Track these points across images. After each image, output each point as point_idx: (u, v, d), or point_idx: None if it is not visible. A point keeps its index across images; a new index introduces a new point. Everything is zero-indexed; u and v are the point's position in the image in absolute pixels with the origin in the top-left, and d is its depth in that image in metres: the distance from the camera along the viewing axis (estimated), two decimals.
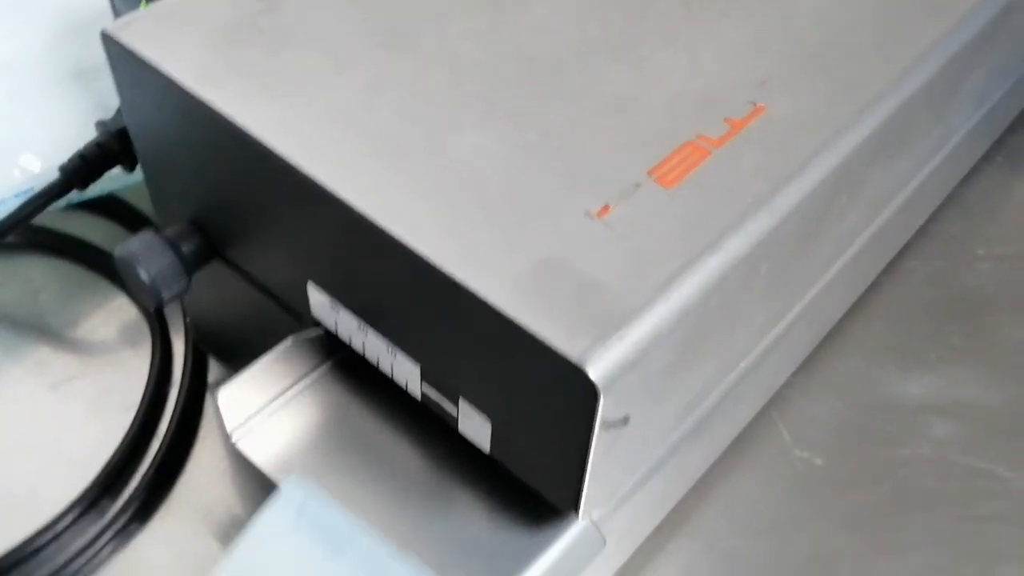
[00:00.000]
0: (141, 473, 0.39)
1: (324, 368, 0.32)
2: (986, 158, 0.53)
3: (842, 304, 0.42)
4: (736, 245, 0.25)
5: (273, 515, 0.27)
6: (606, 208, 0.25)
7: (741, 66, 0.30)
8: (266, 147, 0.27)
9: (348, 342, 0.30)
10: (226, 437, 0.30)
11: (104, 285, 0.46)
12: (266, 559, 0.26)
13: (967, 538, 0.38)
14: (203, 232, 0.33)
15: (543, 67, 0.29)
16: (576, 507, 0.26)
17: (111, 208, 0.48)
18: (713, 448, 0.37)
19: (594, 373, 0.22)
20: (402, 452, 0.30)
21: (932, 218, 0.50)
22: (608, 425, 0.23)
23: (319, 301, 0.30)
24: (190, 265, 0.33)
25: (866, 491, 0.40)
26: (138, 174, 0.38)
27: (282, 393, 0.31)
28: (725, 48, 0.30)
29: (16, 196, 0.43)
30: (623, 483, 0.28)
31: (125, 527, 0.38)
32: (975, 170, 0.52)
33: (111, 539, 0.38)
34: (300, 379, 0.31)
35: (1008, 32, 0.36)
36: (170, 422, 0.41)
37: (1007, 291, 0.47)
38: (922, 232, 0.49)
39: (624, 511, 0.30)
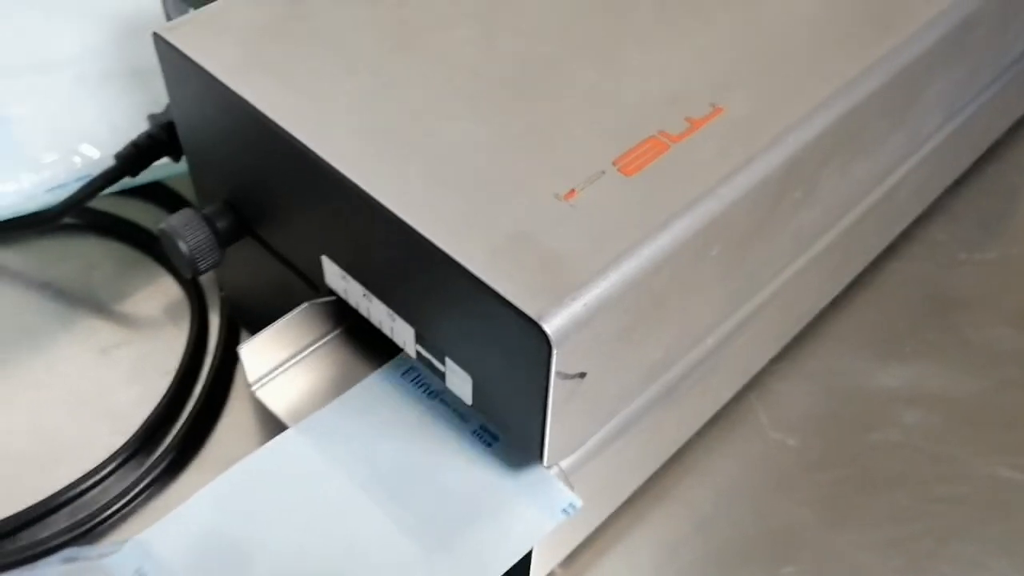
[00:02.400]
0: (176, 430, 0.44)
1: (337, 332, 0.36)
2: (976, 169, 0.56)
3: (819, 297, 0.46)
4: (685, 226, 0.29)
5: (382, 371, 0.34)
6: (572, 192, 0.29)
7: (706, 70, 0.33)
8: (284, 132, 0.31)
9: (356, 307, 0.34)
10: (248, 387, 0.34)
11: (151, 264, 0.51)
12: (373, 399, 0.33)
13: (925, 517, 0.41)
14: (236, 211, 0.38)
15: (530, 68, 0.33)
16: (541, 454, 0.30)
17: (159, 194, 0.53)
18: (689, 420, 0.40)
19: (549, 328, 0.26)
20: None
21: (919, 224, 0.53)
22: (564, 376, 0.27)
23: (332, 272, 0.34)
24: (224, 240, 0.38)
25: (834, 471, 0.43)
26: (183, 164, 0.43)
27: (299, 352, 0.35)
28: (693, 53, 0.34)
29: (76, 181, 0.48)
30: (587, 435, 0.32)
31: (160, 477, 0.42)
32: (964, 180, 0.55)
33: (148, 486, 0.42)
34: (316, 340, 0.36)
35: (970, 46, 0.39)
36: (203, 387, 0.45)
37: (983, 293, 0.50)
38: (907, 236, 0.52)
39: (595, 468, 0.34)
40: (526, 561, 0.34)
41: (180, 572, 0.28)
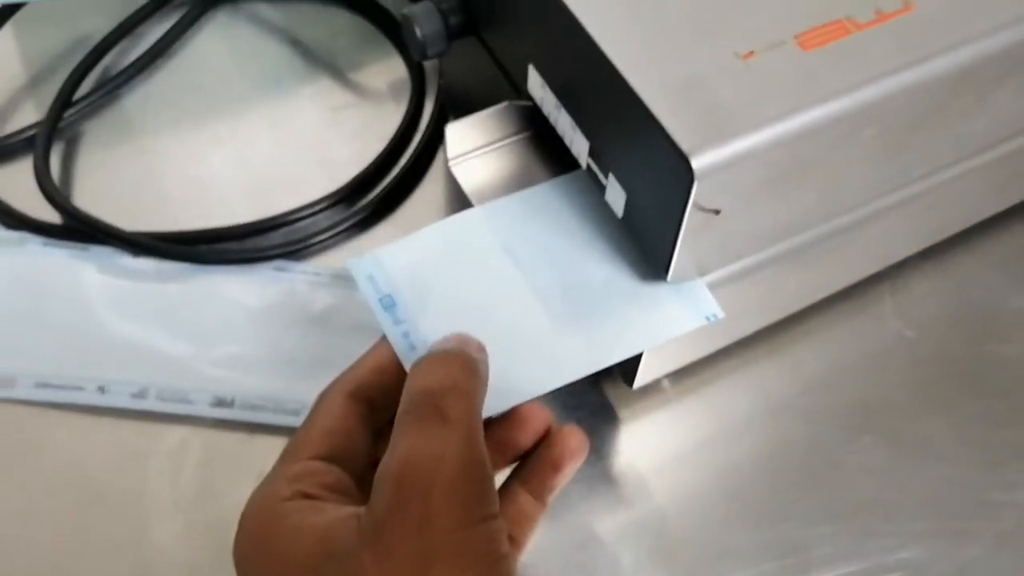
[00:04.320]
0: (379, 189, 0.52)
1: (527, 135, 0.42)
2: None
3: (977, 209, 0.48)
4: (841, 106, 0.32)
5: (564, 179, 0.39)
6: (752, 53, 0.33)
7: None
8: None
9: (548, 116, 0.40)
10: (446, 162, 0.41)
11: (386, 44, 0.58)
12: (551, 200, 0.39)
13: (1013, 428, 0.45)
14: (467, 11, 0.44)
15: None
16: (667, 269, 0.35)
17: None
18: (814, 286, 0.45)
19: (695, 163, 0.31)
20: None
21: None
22: (700, 208, 0.32)
23: (535, 80, 0.40)
24: (452, 34, 0.44)
25: (940, 368, 0.46)
26: None
27: (494, 142, 0.41)
28: None
29: None
30: (713, 266, 0.37)
31: (359, 223, 0.51)
32: None
33: (347, 229, 0.50)
34: (509, 136, 0.42)
35: None
36: (409, 158, 0.52)
37: None
38: None
39: (717, 299, 0.39)
40: (636, 360, 0.40)
41: (399, 282, 0.36)
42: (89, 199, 0.51)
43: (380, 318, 0.35)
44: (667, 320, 0.36)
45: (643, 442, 0.45)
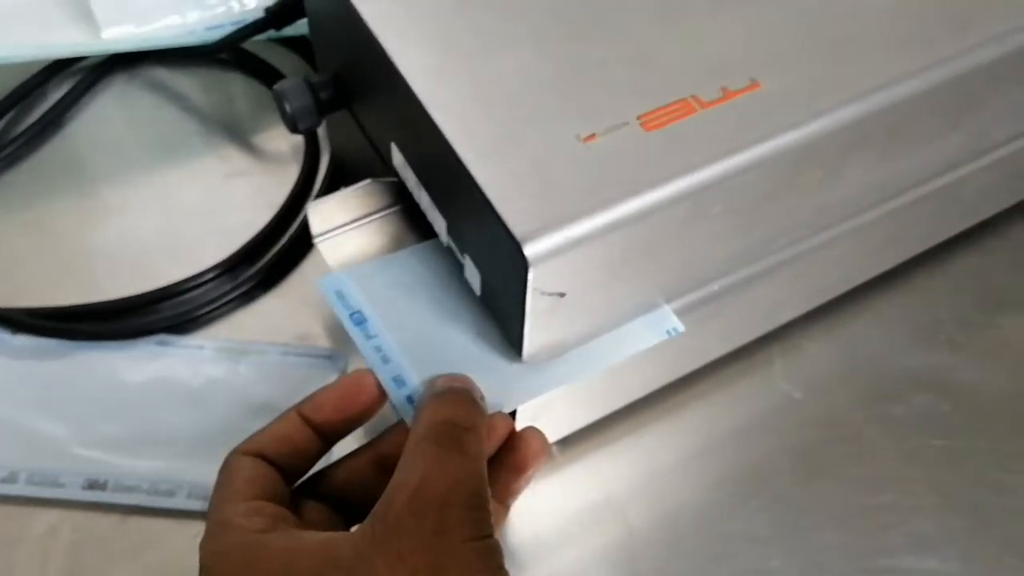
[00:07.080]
0: (268, 257, 0.51)
1: (396, 209, 0.42)
2: None
3: (857, 271, 0.48)
4: (682, 186, 0.32)
5: (430, 243, 0.39)
6: (593, 136, 0.33)
7: (760, 45, 0.35)
8: (373, 33, 0.36)
9: (412, 192, 0.39)
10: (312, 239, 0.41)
11: None
12: (417, 265, 0.39)
13: (896, 491, 0.44)
14: (340, 85, 0.43)
15: (596, 11, 0.36)
16: (520, 349, 0.35)
17: (302, 47, 0.59)
18: (699, 348, 0.44)
19: (528, 250, 0.30)
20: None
21: (1011, 219, 0.53)
22: (542, 292, 0.32)
23: (398, 158, 0.39)
24: (323, 108, 0.43)
25: (826, 431, 0.46)
26: None
27: (359, 218, 0.41)
28: (755, 26, 0.36)
29: (232, 24, 0.54)
30: (569, 344, 0.36)
31: (248, 292, 0.50)
32: None
33: (236, 299, 0.50)
34: (375, 212, 0.41)
35: None
36: (298, 226, 0.52)
37: None
38: (992, 229, 0.52)
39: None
40: None
41: (364, 300, 0.37)
42: None
43: (352, 333, 0.36)
44: (632, 337, 0.37)
45: (531, 512, 0.44)
